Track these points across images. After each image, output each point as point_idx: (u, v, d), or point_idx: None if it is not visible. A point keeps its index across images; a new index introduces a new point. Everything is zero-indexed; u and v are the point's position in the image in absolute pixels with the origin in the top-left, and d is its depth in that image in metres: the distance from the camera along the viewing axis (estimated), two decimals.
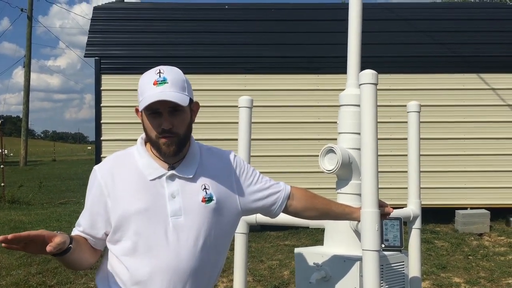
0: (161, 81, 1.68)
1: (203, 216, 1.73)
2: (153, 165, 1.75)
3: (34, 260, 6.26)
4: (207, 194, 1.75)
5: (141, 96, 1.70)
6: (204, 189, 1.76)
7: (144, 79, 1.72)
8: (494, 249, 6.92)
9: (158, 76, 1.69)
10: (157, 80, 1.68)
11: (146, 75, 1.73)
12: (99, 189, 1.74)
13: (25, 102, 27.48)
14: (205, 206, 1.74)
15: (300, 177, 7.81)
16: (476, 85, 8.19)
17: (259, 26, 8.54)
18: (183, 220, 1.70)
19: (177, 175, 1.74)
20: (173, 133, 1.69)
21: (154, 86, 1.67)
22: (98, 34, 8.43)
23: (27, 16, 27.96)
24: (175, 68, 1.75)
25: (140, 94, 1.71)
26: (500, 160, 8.14)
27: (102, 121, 8.04)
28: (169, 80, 1.68)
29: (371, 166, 2.04)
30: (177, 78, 1.70)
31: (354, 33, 2.58)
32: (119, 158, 1.81)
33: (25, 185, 14.87)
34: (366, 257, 2.02)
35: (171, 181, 1.73)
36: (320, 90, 8.04)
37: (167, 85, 1.67)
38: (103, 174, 1.75)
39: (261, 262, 6.28)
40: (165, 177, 1.73)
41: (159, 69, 1.71)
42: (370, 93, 2.07)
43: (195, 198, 1.73)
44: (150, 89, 1.67)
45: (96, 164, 1.85)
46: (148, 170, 1.74)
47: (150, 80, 1.69)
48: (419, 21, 8.63)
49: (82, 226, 1.78)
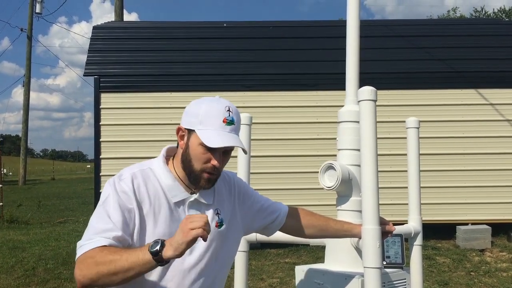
0: (230, 121, 1.64)
1: (215, 241, 1.75)
2: (178, 187, 1.70)
3: (32, 281, 6.20)
4: (219, 219, 1.77)
5: (201, 124, 1.62)
6: (216, 214, 1.76)
7: (210, 108, 1.64)
8: (496, 265, 6.86)
9: (228, 115, 1.64)
10: (227, 118, 1.64)
11: (212, 104, 1.65)
12: (127, 198, 1.60)
13: (24, 121, 27.52)
14: (217, 231, 1.75)
15: (301, 194, 7.79)
16: (475, 100, 8.22)
17: (258, 44, 8.60)
18: (199, 246, 1.69)
19: (199, 200, 1.73)
20: (219, 172, 1.69)
21: (224, 124, 1.63)
22: (97, 53, 8.47)
23: (27, 36, 28.18)
24: (235, 107, 1.70)
25: (201, 122, 1.63)
26: (501, 175, 8.12)
27: (102, 139, 8.04)
28: (236, 122, 1.66)
29: (371, 182, 2.03)
30: (239, 120, 1.70)
31: (352, 50, 2.59)
32: (143, 173, 1.69)
33: (24, 204, 14.81)
34: (368, 274, 2.00)
35: (193, 207, 1.71)
36: (319, 107, 8.05)
37: (233, 127, 1.65)
38: (130, 185, 1.62)
39: (262, 280, 6.22)
40: (188, 202, 1.71)
41: (228, 107, 1.65)
42: (370, 109, 2.07)
43: (211, 224, 1.71)
44: (218, 126, 1.62)
45: (96, 184, 1.82)
46: (172, 192, 1.69)
47: (219, 114, 1.63)
48: (417, 37, 8.70)
49: (114, 224, 1.54)
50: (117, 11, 13.28)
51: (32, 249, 7.97)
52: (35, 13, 28.47)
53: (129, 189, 1.62)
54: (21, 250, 7.92)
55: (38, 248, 8.03)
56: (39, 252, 7.69)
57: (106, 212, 1.58)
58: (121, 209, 1.58)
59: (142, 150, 7.74)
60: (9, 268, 6.79)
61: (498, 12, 24.91)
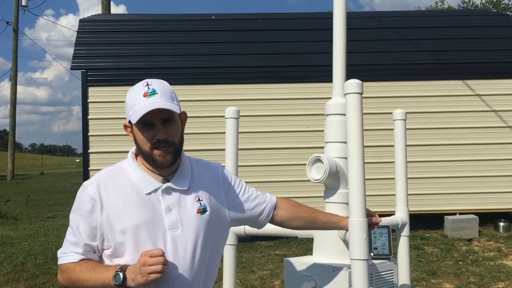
0: (150, 93, 1.68)
1: (199, 227, 1.76)
2: (148, 179, 1.75)
3: (21, 276, 6.17)
4: (201, 205, 1.78)
5: (131, 110, 1.69)
6: (198, 201, 1.78)
7: (132, 92, 1.72)
8: (484, 254, 6.95)
9: (147, 88, 1.69)
10: (146, 92, 1.68)
11: (134, 89, 1.73)
12: (91, 204, 1.71)
13: (11, 115, 27.25)
14: (201, 218, 1.77)
15: (291, 186, 7.81)
16: (462, 91, 8.27)
17: (246, 36, 8.57)
18: (180, 232, 1.72)
19: (172, 187, 1.76)
20: (169, 142, 1.70)
21: (144, 98, 1.67)
22: (84, 46, 8.39)
23: (13, 29, 27.83)
24: (161, 80, 1.76)
25: (130, 108, 1.70)
26: (488, 165, 8.20)
27: (90, 133, 7.98)
28: (159, 91, 1.69)
29: (358, 175, 2.04)
30: (166, 89, 1.72)
31: (338, 43, 2.60)
32: (111, 173, 1.78)
33: (12, 199, 14.68)
34: (355, 266, 2.02)
35: (167, 194, 1.75)
36: (308, 99, 8.06)
37: (157, 96, 1.68)
38: (95, 190, 1.73)
39: (252, 273, 6.25)
40: (160, 190, 1.74)
41: (147, 82, 1.72)
42: (356, 102, 2.08)
43: (190, 209, 1.76)
44: (140, 101, 1.67)
45: (85, 178, 1.84)
46: (143, 184, 1.74)
47: (139, 92, 1.69)
48: (405, 29, 8.73)
49: (81, 235, 1.71)
50: (104, 3, 13.15)
51: (21, 244, 7.93)
52: (21, 6, 28.08)
53: (94, 193, 1.72)
54: (10, 245, 7.87)
55: (27, 243, 7.98)
56: (28, 247, 7.65)
57: (75, 222, 1.74)
58: (85, 219, 1.72)
59: (130, 144, 7.61)
60: None
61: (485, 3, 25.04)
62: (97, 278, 1.65)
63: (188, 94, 7.79)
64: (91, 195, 1.71)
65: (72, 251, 1.72)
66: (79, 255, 1.71)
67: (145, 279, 1.57)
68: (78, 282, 1.69)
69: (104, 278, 1.64)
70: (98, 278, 1.65)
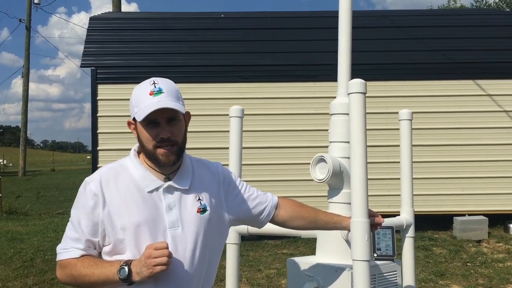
0: (157, 91, 1.69)
1: (199, 226, 1.76)
2: (150, 176, 1.76)
3: (30, 272, 6.23)
4: (202, 205, 1.79)
5: (136, 107, 1.70)
6: (198, 200, 1.79)
7: (138, 91, 1.73)
8: (493, 256, 6.89)
9: (154, 87, 1.70)
10: (152, 90, 1.70)
11: (139, 87, 1.74)
12: (93, 201, 1.71)
13: (23, 112, 27.52)
14: (201, 217, 1.77)
15: (297, 185, 7.79)
16: (472, 91, 8.19)
17: (255, 35, 8.56)
18: (181, 231, 1.73)
19: (174, 186, 1.76)
20: (172, 141, 1.71)
21: (151, 96, 1.68)
22: (94, 44, 8.44)
23: (25, 27, 28.07)
24: (167, 79, 1.77)
25: (135, 105, 1.71)
26: (498, 166, 8.12)
27: (99, 131, 8.03)
28: (165, 90, 1.70)
29: (360, 175, 2.03)
30: (172, 88, 1.73)
31: (344, 42, 2.59)
32: (113, 170, 1.79)
33: (23, 195, 14.84)
34: (356, 267, 2.01)
35: (168, 193, 1.75)
36: (316, 98, 8.03)
37: (163, 95, 1.69)
38: (97, 186, 1.73)
39: (259, 271, 6.25)
40: (162, 189, 1.74)
41: (153, 80, 1.73)
42: (359, 102, 2.06)
43: (190, 209, 1.76)
44: (146, 99, 1.68)
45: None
46: (145, 182, 1.75)
47: (145, 91, 1.70)
48: (414, 28, 8.65)
49: (83, 231, 1.71)
50: (115, 1, 13.21)
51: (30, 240, 8.00)
52: (33, 4, 28.34)
53: (96, 189, 1.71)
54: (20, 241, 7.95)
55: (36, 239, 8.06)
56: (37, 243, 7.72)
57: (76, 218, 1.73)
58: (88, 215, 1.71)
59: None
60: (7, 259, 6.82)
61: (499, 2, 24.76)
62: (100, 273, 1.65)
63: (197, 92, 7.81)
64: (94, 191, 1.71)
65: (73, 246, 1.72)
66: (81, 250, 1.71)
67: (150, 271, 1.58)
68: (80, 278, 1.68)
69: (108, 273, 1.64)
70: (102, 273, 1.65)
